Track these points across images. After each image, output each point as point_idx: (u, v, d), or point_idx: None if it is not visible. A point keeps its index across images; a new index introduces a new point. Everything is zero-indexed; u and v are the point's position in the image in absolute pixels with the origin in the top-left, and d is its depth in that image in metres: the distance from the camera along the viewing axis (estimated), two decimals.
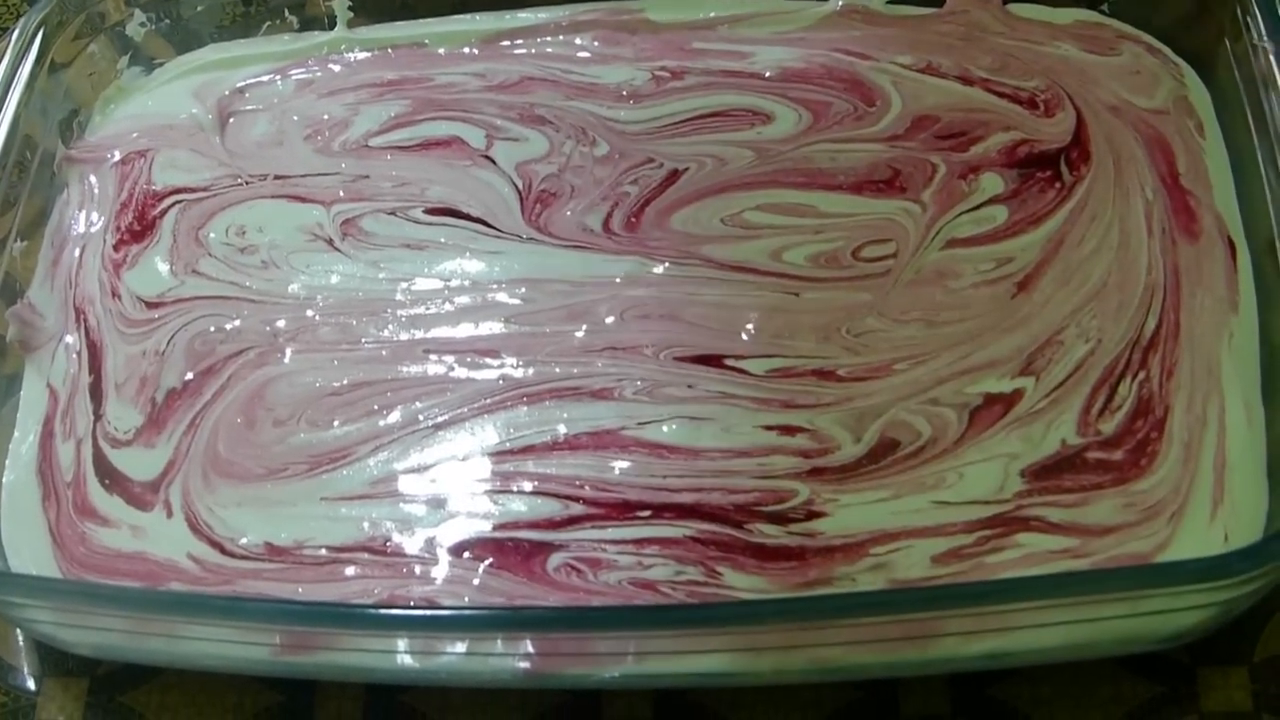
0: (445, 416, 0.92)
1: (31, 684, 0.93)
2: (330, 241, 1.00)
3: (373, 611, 0.83)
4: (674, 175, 1.00)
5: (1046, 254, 0.94)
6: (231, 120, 1.07)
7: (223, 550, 0.89)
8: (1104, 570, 0.81)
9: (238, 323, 0.97)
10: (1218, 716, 0.84)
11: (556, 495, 0.88)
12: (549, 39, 1.09)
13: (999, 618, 0.78)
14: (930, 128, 1.00)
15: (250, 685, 0.91)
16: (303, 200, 1.03)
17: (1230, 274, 0.92)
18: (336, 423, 0.92)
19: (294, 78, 1.10)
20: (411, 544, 0.87)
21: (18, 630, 0.94)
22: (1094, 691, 0.85)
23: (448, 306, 0.96)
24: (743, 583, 0.84)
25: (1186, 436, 0.86)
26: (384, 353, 0.95)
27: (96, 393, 0.96)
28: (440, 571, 0.86)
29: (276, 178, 1.04)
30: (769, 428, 0.89)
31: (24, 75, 1.00)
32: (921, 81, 1.03)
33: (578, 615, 0.82)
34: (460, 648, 0.82)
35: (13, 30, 1.02)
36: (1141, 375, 0.88)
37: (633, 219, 0.98)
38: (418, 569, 0.86)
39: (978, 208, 0.96)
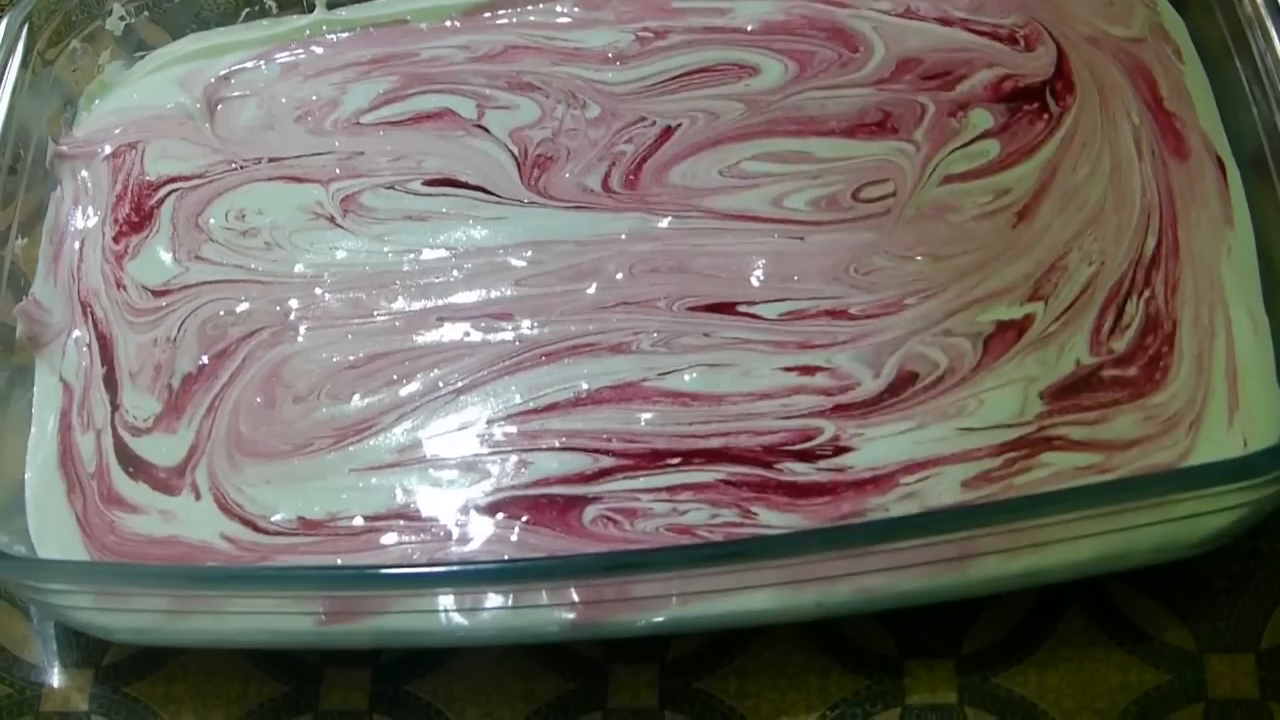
0: (465, 381, 0.92)
1: (37, 675, 0.93)
2: (332, 219, 1.01)
3: (427, 570, 0.83)
4: (667, 132, 1.01)
5: (1042, 183, 0.95)
6: (220, 107, 1.07)
7: (256, 528, 0.89)
8: (1136, 478, 0.83)
9: (247, 305, 0.97)
10: (1225, 704, 0.85)
11: (585, 450, 0.89)
12: (529, 8, 1.09)
13: (1036, 533, 0.79)
14: (915, 69, 1.01)
15: (255, 675, 0.91)
16: (300, 180, 1.03)
17: (1222, 190, 0.94)
18: (357, 395, 0.93)
19: (278, 61, 1.09)
20: (446, 508, 0.88)
21: (28, 621, 0.94)
22: (1101, 680, 0.86)
23: (456, 274, 0.97)
24: (778, 520, 0.85)
25: (1197, 348, 0.88)
26: (397, 323, 0.95)
27: (111, 383, 0.96)
28: (477, 532, 0.87)
29: (271, 160, 1.04)
30: (788, 369, 0.90)
31: (13, 72, 1.00)
32: (901, 25, 1.04)
33: (629, 559, 0.82)
34: (509, 601, 0.82)
35: None
36: (1147, 293, 0.90)
37: (631, 177, 0.99)
38: (455, 531, 0.87)
39: (970, 143, 0.98)
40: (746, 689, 0.88)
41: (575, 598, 0.82)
